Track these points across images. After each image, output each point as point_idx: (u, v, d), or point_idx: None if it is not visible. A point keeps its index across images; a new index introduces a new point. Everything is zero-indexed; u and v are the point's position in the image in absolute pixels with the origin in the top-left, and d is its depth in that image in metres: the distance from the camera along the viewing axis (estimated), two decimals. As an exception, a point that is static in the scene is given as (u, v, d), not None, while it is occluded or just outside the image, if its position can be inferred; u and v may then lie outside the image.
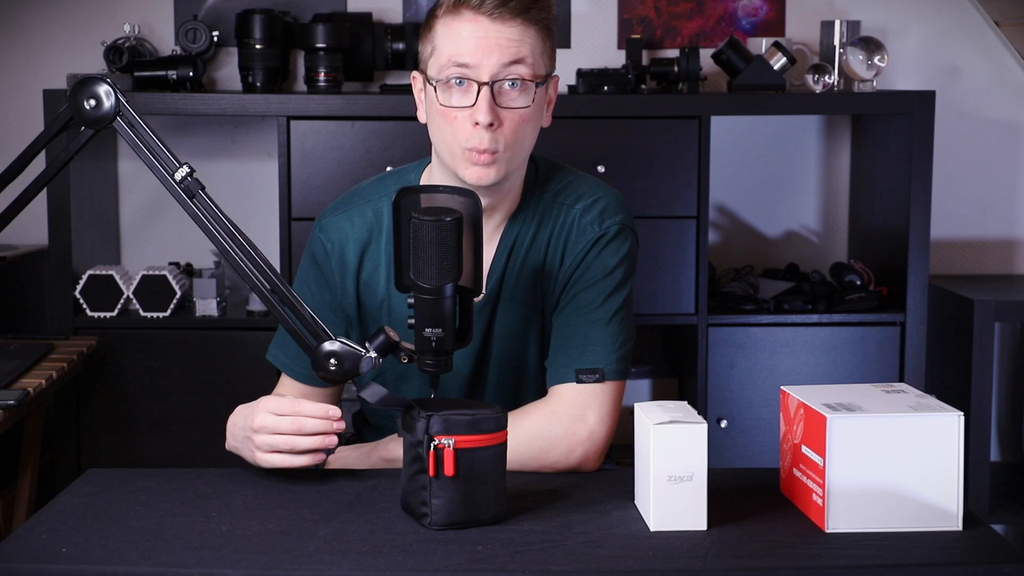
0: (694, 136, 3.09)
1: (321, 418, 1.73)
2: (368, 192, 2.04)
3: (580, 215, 1.99)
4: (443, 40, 1.87)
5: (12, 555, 1.50)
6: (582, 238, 1.98)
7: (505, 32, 1.86)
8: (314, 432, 1.73)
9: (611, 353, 1.93)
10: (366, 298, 2.02)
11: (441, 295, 1.69)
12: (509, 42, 1.86)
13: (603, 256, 1.97)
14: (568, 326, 1.96)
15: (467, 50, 1.85)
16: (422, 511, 1.60)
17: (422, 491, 1.59)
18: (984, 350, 3.08)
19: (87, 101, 1.72)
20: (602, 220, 1.99)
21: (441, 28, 1.88)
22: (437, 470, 1.58)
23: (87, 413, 3.13)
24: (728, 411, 3.16)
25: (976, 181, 3.55)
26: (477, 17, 1.85)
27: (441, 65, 1.87)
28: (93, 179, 3.30)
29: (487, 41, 1.85)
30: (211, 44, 3.27)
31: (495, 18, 1.85)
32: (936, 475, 1.57)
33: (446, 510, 1.59)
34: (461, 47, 1.85)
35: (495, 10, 1.85)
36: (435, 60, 1.89)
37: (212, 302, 3.15)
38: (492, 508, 1.61)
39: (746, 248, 3.52)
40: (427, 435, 1.58)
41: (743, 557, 1.51)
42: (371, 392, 1.65)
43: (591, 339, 1.94)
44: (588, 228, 1.98)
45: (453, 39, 1.86)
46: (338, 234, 2.01)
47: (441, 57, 1.87)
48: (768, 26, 3.47)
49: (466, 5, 1.85)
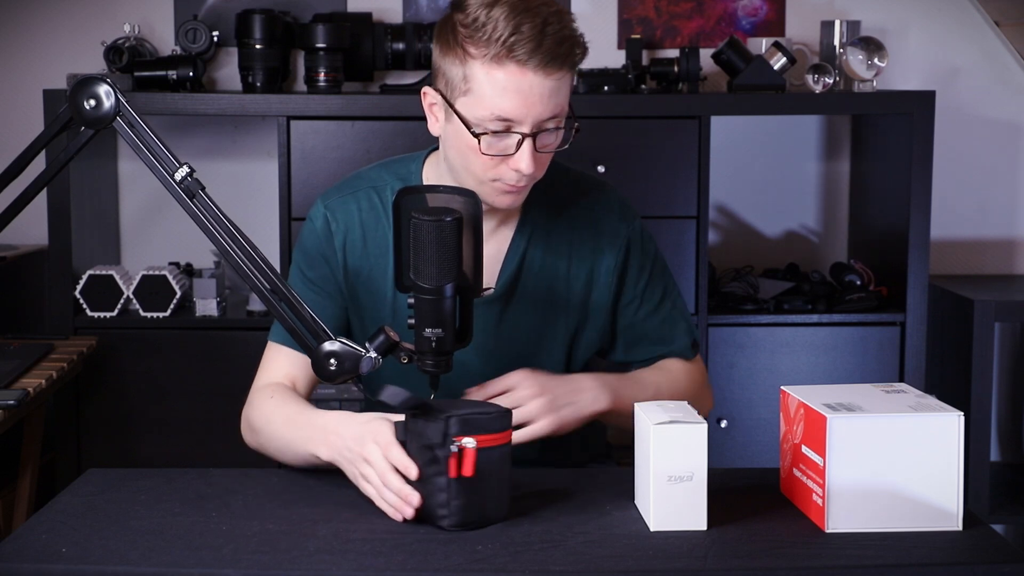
0: (694, 136, 3.09)
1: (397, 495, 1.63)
2: (372, 177, 2.03)
3: (603, 216, 2.03)
4: (483, 88, 1.80)
5: (12, 555, 1.50)
6: (615, 239, 2.03)
7: (548, 84, 1.80)
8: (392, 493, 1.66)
9: (692, 325, 2.11)
10: (366, 282, 2.01)
11: (441, 295, 1.69)
12: (551, 97, 1.81)
13: (645, 247, 2.06)
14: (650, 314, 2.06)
15: (512, 106, 1.80)
16: (440, 513, 1.59)
17: (440, 493, 1.59)
18: (984, 350, 3.08)
19: (87, 101, 1.72)
20: (624, 216, 2.05)
21: (480, 72, 1.80)
22: (458, 471, 1.57)
23: (87, 413, 3.13)
24: (728, 411, 3.16)
25: (976, 181, 3.55)
26: (523, 71, 1.78)
27: (481, 116, 1.81)
28: (93, 179, 3.30)
29: (532, 97, 1.80)
30: (211, 44, 3.27)
31: (539, 72, 1.79)
32: (936, 475, 1.57)
33: (465, 511, 1.59)
34: (505, 101, 1.79)
35: (541, 66, 1.79)
36: (471, 103, 1.82)
37: (212, 302, 3.15)
38: (502, 506, 1.62)
39: (746, 248, 3.52)
40: (447, 436, 1.58)
41: (743, 557, 1.51)
42: (391, 394, 1.61)
43: (674, 319, 2.08)
44: (617, 227, 2.03)
45: (496, 91, 1.80)
46: (344, 214, 2.00)
47: (481, 107, 1.81)
48: (768, 26, 3.47)
49: (512, 58, 1.78)
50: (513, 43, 1.77)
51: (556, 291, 2.01)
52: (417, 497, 1.61)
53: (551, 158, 1.91)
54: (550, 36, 1.78)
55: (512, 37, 1.77)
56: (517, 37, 1.77)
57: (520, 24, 1.77)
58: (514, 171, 1.84)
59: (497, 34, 1.77)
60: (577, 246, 2.01)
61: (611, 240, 2.02)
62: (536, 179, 1.89)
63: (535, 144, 1.83)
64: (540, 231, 2.00)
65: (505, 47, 1.77)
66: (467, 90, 1.82)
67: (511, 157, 1.83)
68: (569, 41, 1.82)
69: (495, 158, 1.83)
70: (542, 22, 1.79)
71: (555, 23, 1.80)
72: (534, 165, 1.83)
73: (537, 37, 1.78)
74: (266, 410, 1.91)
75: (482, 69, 1.80)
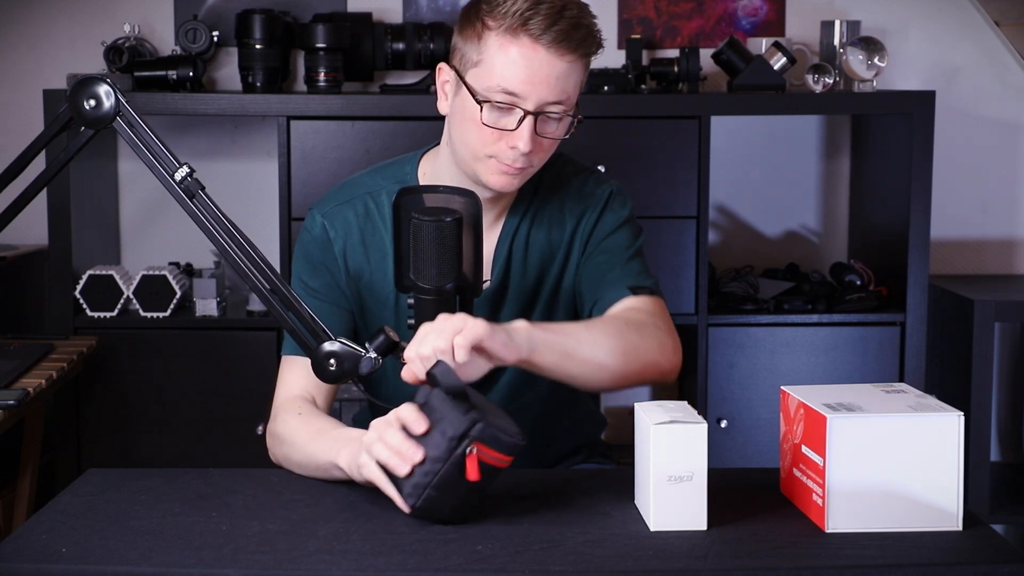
0: (694, 136, 3.09)
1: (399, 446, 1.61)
2: (367, 183, 2.04)
3: (578, 188, 2.04)
4: (494, 59, 1.84)
5: (12, 555, 1.50)
6: (590, 203, 2.03)
7: (558, 66, 1.84)
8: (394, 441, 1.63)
9: (649, 277, 1.99)
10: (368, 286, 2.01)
11: (441, 295, 1.69)
12: (558, 79, 1.84)
13: (614, 209, 2.04)
14: (601, 264, 1.99)
15: (519, 80, 1.83)
16: (409, 489, 1.57)
17: (425, 475, 1.57)
18: (984, 350, 3.08)
19: (87, 101, 1.72)
20: (599, 184, 2.05)
21: (494, 43, 1.84)
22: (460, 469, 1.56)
23: (87, 413, 3.14)
24: (728, 411, 3.16)
25: (976, 181, 3.55)
26: (535, 46, 1.83)
27: (488, 86, 1.85)
28: (93, 179, 3.30)
29: (539, 74, 1.83)
30: (211, 44, 3.27)
31: (551, 50, 1.83)
32: (936, 475, 1.57)
33: (436, 504, 1.57)
34: (513, 74, 1.83)
35: (553, 44, 1.83)
36: (480, 73, 1.86)
37: (212, 302, 3.15)
38: (465, 516, 1.60)
39: (746, 248, 3.52)
40: (465, 436, 1.56)
41: (743, 557, 1.51)
42: (442, 371, 1.59)
43: (629, 270, 1.99)
44: (592, 193, 2.03)
45: (506, 63, 1.83)
46: (342, 222, 2.00)
47: (490, 77, 1.84)
48: (768, 26, 3.47)
49: (526, 31, 1.82)
50: (529, 16, 1.82)
51: (541, 277, 2.02)
52: (421, 454, 1.58)
53: (553, 149, 1.92)
54: (567, 19, 1.84)
55: (529, 11, 1.83)
56: (534, 12, 1.83)
57: (540, 2, 1.84)
58: (511, 149, 1.85)
59: (516, 8, 1.83)
60: (557, 225, 2.02)
61: (585, 207, 2.03)
62: (534, 166, 1.91)
63: (536, 126, 1.85)
64: (526, 220, 2.02)
65: (521, 19, 1.82)
66: (479, 61, 1.86)
67: (510, 134, 1.85)
68: (585, 29, 1.86)
69: (494, 132, 1.86)
70: (562, 6, 1.85)
71: (574, 9, 1.86)
72: (531, 144, 1.85)
73: (554, 16, 1.83)
74: (293, 424, 1.88)
75: (496, 41, 1.84)
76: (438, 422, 1.58)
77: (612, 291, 1.96)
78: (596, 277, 1.99)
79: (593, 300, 1.98)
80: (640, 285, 1.96)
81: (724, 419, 3.16)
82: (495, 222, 2.01)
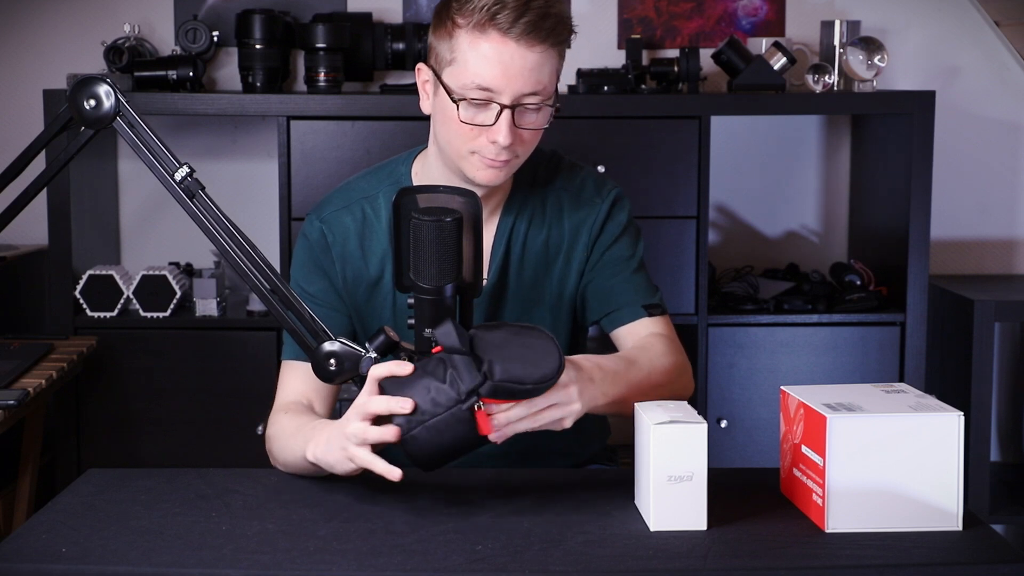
0: (694, 136, 3.09)
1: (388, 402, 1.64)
2: (363, 187, 2.04)
3: (577, 190, 2.04)
4: (466, 56, 1.85)
5: (12, 555, 1.50)
6: (591, 210, 2.03)
7: (530, 58, 1.84)
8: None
9: (655, 290, 2.04)
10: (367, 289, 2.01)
11: (441, 295, 1.69)
12: (532, 71, 1.85)
13: (616, 217, 2.05)
14: (608, 275, 2.02)
15: (492, 75, 1.84)
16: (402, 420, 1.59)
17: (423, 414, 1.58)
18: (984, 350, 3.08)
19: (87, 101, 1.72)
20: (599, 190, 2.05)
21: (465, 41, 1.85)
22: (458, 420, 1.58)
23: (87, 413, 3.14)
24: (728, 411, 3.16)
25: (976, 181, 3.55)
26: (504, 40, 1.83)
27: (463, 84, 1.85)
28: (93, 179, 3.30)
29: (512, 67, 1.84)
30: (211, 44, 3.27)
31: (521, 43, 1.83)
32: (936, 475, 1.57)
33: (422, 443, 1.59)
34: (486, 70, 1.84)
35: (523, 36, 1.83)
36: (455, 72, 1.87)
37: (212, 302, 3.15)
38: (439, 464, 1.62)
39: (746, 248, 3.52)
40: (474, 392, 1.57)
41: (743, 557, 1.51)
42: (444, 332, 1.61)
43: (638, 283, 2.02)
44: (592, 200, 2.04)
45: (478, 59, 1.84)
46: (340, 227, 2.01)
47: (463, 75, 1.85)
48: (768, 26, 3.47)
49: (494, 25, 1.83)
50: (496, 11, 1.83)
51: (540, 279, 2.02)
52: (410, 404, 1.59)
53: (537, 139, 1.93)
54: (533, 10, 1.84)
55: (496, 6, 1.83)
56: (500, 6, 1.83)
57: None
58: (492, 144, 1.86)
59: (483, 3, 1.84)
60: (556, 230, 2.03)
61: (586, 217, 2.03)
62: (519, 157, 1.91)
63: (514, 119, 1.86)
64: (523, 218, 2.02)
65: (488, 14, 1.83)
66: (452, 60, 1.87)
67: (489, 129, 1.86)
68: (554, 18, 1.86)
69: (474, 128, 1.86)
70: None
71: (541, 1, 1.86)
72: (511, 137, 1.86)
73: (520, 8, 1.83)
74: (281, 424, 1.91)
75: (467, 38, 1.85)
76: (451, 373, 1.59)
77: (626, 310, 2.00)
78: (604, 289, 2.02)
79: (603, 312, 2.02)
80: (652, 303, 2.02)
81: (724, 419, 3.16)
82: (489, 218, 2.01)
